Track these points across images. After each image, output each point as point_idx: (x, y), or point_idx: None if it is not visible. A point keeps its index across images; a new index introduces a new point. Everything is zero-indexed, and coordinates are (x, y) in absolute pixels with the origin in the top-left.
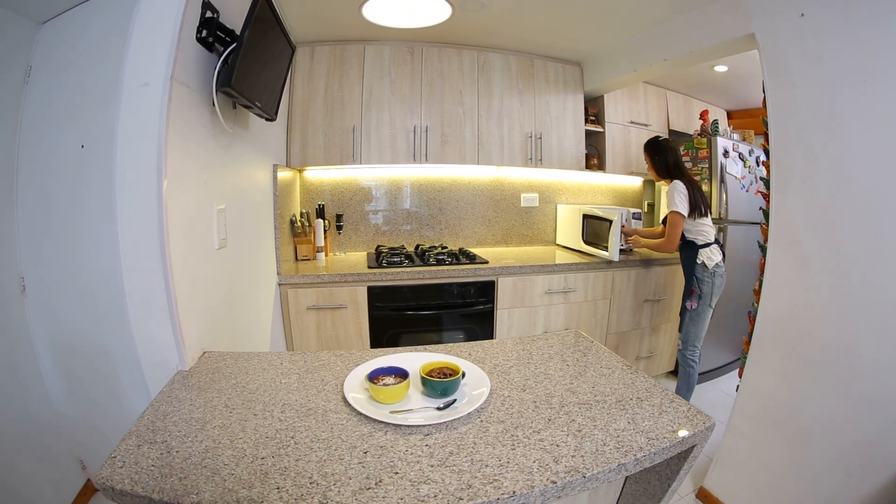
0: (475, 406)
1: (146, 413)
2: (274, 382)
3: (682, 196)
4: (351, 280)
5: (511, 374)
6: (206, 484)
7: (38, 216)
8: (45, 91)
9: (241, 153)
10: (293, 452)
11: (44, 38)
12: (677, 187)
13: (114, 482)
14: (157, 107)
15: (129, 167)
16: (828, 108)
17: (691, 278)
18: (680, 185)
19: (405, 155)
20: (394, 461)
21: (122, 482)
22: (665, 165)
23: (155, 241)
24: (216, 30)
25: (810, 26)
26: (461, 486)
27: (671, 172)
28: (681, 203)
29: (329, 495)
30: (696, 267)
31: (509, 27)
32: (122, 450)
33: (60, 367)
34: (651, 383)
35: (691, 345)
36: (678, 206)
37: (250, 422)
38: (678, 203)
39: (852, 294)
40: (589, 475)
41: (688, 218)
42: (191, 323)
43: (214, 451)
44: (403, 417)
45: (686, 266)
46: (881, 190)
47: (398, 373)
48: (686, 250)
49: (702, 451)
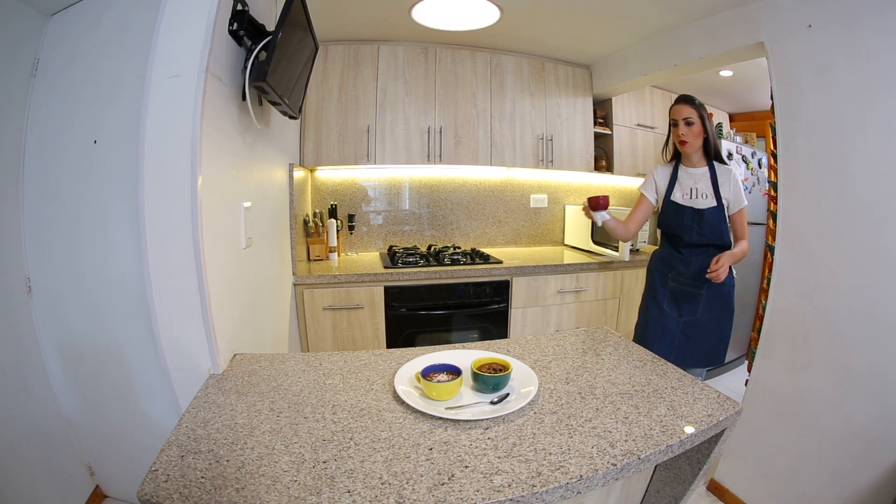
0: (528, 399)
1: (184, 421)
2: (318, 383)
3: None
4: (368, 280)
5: (552, 369)
6: (268, 493)
7: (45, 215)
8: (53, 85)
9: (264, 151)
10: (356, 454)
11: (52, 31)
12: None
13: (160, 498)
14: (191, 99)
15: (158, 163)
16: (833, 115)
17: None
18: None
19: (419, 156)
20: (461, 455)
21: (171, 498)
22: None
23: (188, 241)
24: (247, 23)
25: (817, 38)
26: (531, 474)
27: (715, 150)
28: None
29: (404, 494)
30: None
31: (523, 30)
32: (164, 461)
33: (68, 370)
34: (681, 373)
35: None
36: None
37: (302, 425)
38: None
39: (855, 290)
40: (643, 456)
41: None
42: (223, 324)
43: (270, 458)
44: (457, 413)
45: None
46: (883, 192)
47: (449, 370)
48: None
49: (731, 434)
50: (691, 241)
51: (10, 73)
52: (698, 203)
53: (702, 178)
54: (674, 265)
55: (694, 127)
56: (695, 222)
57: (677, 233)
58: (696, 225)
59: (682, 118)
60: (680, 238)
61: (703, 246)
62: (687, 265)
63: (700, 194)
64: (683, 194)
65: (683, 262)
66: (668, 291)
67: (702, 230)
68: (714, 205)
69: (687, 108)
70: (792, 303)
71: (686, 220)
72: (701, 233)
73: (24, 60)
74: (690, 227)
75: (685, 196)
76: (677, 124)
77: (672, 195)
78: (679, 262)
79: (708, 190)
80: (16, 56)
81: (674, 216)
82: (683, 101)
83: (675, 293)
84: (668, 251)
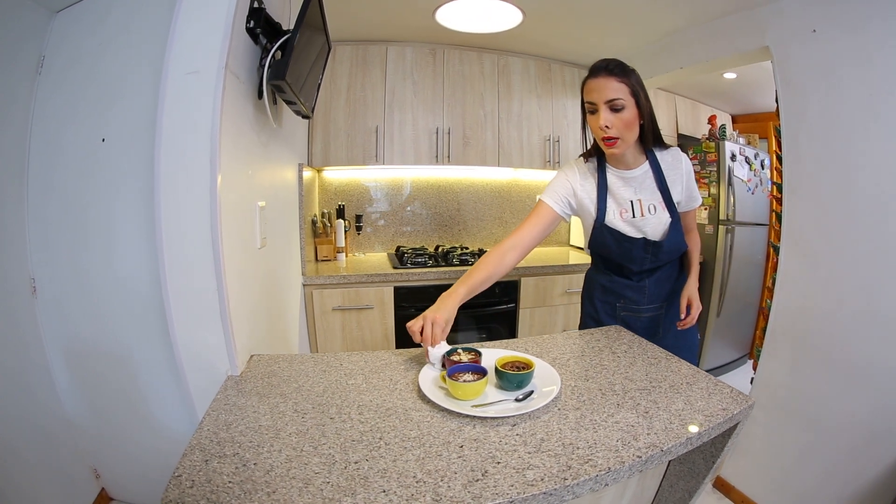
0: (552, 396)
1: (205, 424)
2: (340, 384)
3: None
4: (377, 281)
5: (571, 366)
6: (301, 496)
7: (50, 214)
8: (58, 82)
9: (276, 150)
10: (387, 454)
11: (58, 27)
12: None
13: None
14: (210, 96)
15: (175, 161)
16: (837, 118)
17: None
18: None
19: (428, 156)
20: (492, 452)
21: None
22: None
23: (206, 241)
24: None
25: (822, 42)
26: (561, 467)
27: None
28: None
29: (440, 491)
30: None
31: (531, 33)
32: (188, 466)
33: (72, 372)
34: (694, 370)
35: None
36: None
37: (329, 426)
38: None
39: (859, 290)
40: (665, 449)
41: None
42: (240, 325)
43: (299, 460)
44: (483, 410)
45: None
46: (886, 193)
47: (474, 370)
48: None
49: (743, 428)
50: (643, 269)
51: (15, 70)
52: (647, 224)
53: (642, 182)
54: (622, 293)
55: (624, 113)
56: (648, 252)
57: (623, 263)
58: (651, 255)
59: (603, 101)
60: (628, 268)
61: (659, 268)
62: (640, 292)
63: (646, 208)
64: (622, 212)
65: (635, 288)
66: (619, 320)
67: (658, 258)
68: (669, 220)
69: (612, 81)
70: (796, 302)
71: (636, 251)
72: (657, 259)
73: (30, 57)
74: (642, 257)
75: (625, 215)
76: (596, 110)
77: (606, 217)
78: (630, 290)
79: (655, 198)
80: (21, 53)
81: (615, 246)
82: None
83: (629, 321)
84: (609, 278)
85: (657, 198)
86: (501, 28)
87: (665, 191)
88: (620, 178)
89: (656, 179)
